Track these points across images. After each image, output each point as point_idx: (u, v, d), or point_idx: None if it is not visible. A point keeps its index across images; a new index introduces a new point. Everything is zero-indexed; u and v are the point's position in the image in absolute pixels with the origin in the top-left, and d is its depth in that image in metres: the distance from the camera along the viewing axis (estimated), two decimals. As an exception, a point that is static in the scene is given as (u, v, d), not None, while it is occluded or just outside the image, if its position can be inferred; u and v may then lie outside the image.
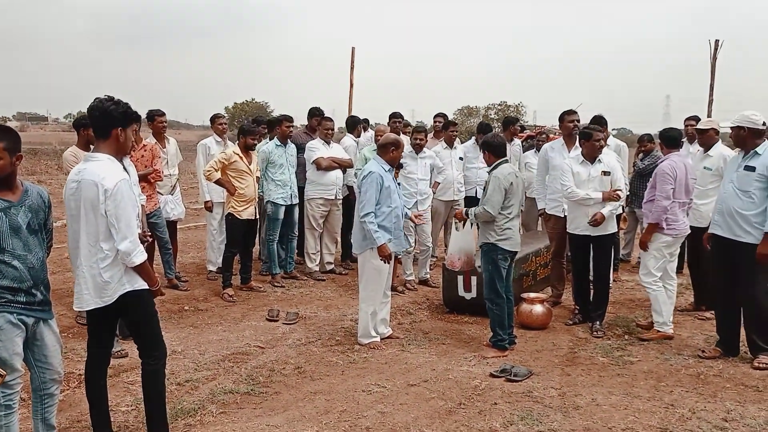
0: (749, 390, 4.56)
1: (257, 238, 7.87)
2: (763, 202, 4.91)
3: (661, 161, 5.73)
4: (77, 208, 3.30)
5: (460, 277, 6.38)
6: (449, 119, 8.67)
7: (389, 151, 5.54)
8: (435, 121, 8.77)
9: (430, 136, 8.59)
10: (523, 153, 8.82)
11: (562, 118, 6.84)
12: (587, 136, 5.88)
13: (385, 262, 5.45)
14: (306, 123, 8.54)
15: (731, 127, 5.17)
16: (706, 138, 6.27)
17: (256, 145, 7.09)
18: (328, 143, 7.80)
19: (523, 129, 11.66)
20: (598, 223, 5.77)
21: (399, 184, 6.16)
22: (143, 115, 7.32)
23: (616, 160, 6.16)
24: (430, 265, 7.93)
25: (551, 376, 4.81)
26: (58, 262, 7.79)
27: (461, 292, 6.41)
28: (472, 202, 7.65)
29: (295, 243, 7.83)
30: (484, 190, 5.47)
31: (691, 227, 6.04)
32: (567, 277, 6.95)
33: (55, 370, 3.37)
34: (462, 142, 8.91)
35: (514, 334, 5.53)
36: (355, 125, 9.20)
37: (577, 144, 6.58)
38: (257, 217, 7.15)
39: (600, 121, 7.18)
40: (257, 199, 7.08)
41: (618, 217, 6.08)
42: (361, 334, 5.54)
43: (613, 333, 5.89)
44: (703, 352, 5.27)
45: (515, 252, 5.47)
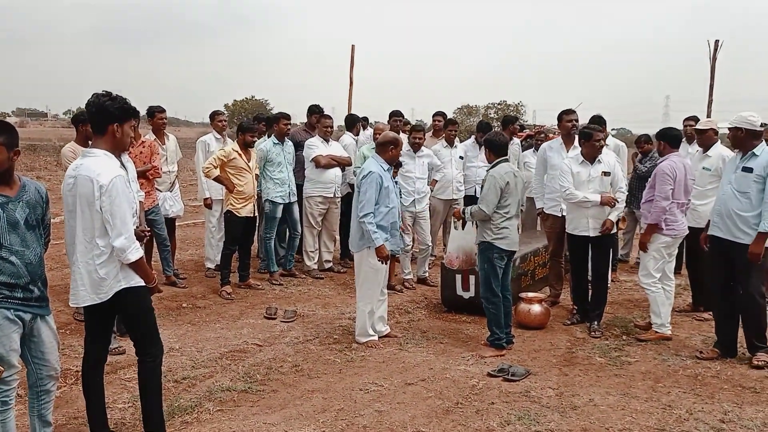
0: (747, 391, 4.56)
1: (256, 236, 7.86)
2: (760, 203, 4.92)
3: (660, 162, 5.72)
4: (74, 204, 3.30)
5: (459, 276, 6.39)
6: (449, 118, 8.66)
7: (388, 150, 5.53)
8: (434, 120, 8.75)
9: (429, 134, 8.58)
10: (522, 152, 8.82)
11: (560, 118, 6.82)
12: (587, 136, 5.86)
13: (383, 263, 5.45)
14: (305, 120, 8.53)
15: (729, 129, 5.17)
16: (705, 138, 6.26)
17: (255, 142, 7.08)
18: (327, 141, 7.79)
19: (522, 128, 11.66)
20: (608, 230, 5.83)
21: (396, 183, 6.17)
22: (143, 112, 7.32)
23: (615, 160, 6.16)
24: (429, 264, 7.93)
25: (549, 376, 4.81)
26: (56, 258, 7.78)
27: (459, 292, 6.41)
28: (472, 201, 7.65)
29: (298, 242, 7.82)
30: (482, 188, 5.48)
31: (689, 228, 6.04)
32: (565, 277, 6.95)
33: (52, 367, 3.37)
34: (461, 141, 8.91)
35: (512, 333, 5.53)
36: (353, 123, 9.18)
37: (575, 143, 6.57)
38: (256, 214, 7.14)
39: (599, 120, 7.18)
40: (256, 197, 7.07)
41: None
42: (359, 333, 5.53)
43: (611, 333, 5.89)
44: (701, 353, 5.27)
45: (512, 251, 5.46)
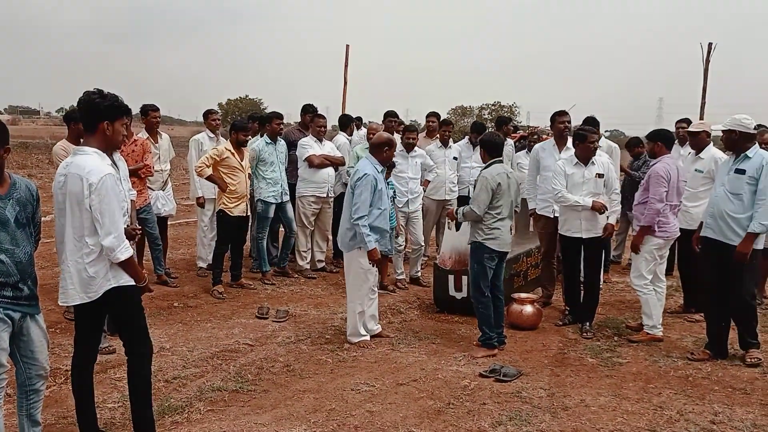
0: (737, 393, 4.58)
1: (248, 235, 7.84)
2: (753, 205, 4.94)
3: (654, 164, 5.72)
4: (64, 202, 3.28)
5: (451, 277, 6.38)
6: (444, 119, 8.66)
7: (383, 151, 5.52)
8: (428, 121, 8.74)
9: (422, 135, 8.57)
10: (516, 153, 8.83)
11: (553, 119, 6.84)
12: (582, 137, 5.86)
13: (374, 266, 5.46)
14: (299, 120, 8.51)
15: (723, 131, 5.19)
16: (698, 140, 6.28)
17: (248, 141, 7.06)
18: (321, 141, 7.77)
19: (516, 129, 11.67)
20: (610, 234, 5.99)
21: (389, 183, 6.19)
22: (137, 110, 7.28)
23: (608, 161, 6.16)
24: (422, 264, 7.93)
25: (540, 377, 4.82)
26: (46, 256, 7.73)
27: (452, 292, 6.41)
28: (466, 201, 7.64)
29: (293, 241, 7.80)
30: (475, 189, 5.48)
31: (681, 230, 6.05)
32: (557, 278, 6.96)
33: (41, 366, 3.34)
34: (455, 142, 8.90)
35: (504, 334, 5.54)
36: (347, 123, 9.18)
37: (568, 144, 6.59)
38: (248, 214, 7.12)
39: (593, 122, 7.19)
40: (249, 196, 7.05)
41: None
42: (350, 333, 5.52)
43: (602, 334, 5.90)
44: (692, 354, 5.28)
45: (503, 252, 5.45)
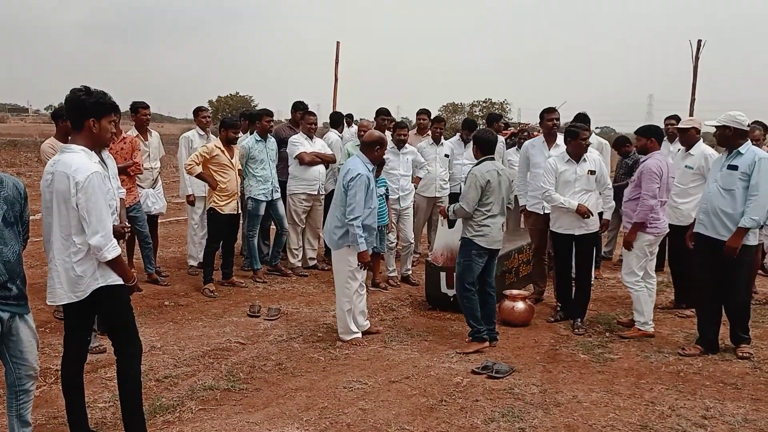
0: (728, 387, 4.60)
1: (239, 233, 7.80)
2: (746, 201, 4.96)
3: (645, 160, 5.72)
4: (51, 201, 3.25)
5: (443, 274, 6.38)
6: (436, 115, 8.64)
7: (374, 150, 5.50)
8: (419, 119, 8.73)
9: (413, 132, 8.56)
10: (506, 150, 8.82)
11: (542, 116, 6.86)
12: (573, 134, 5.85)
13: (362, 268, 5.45)
14: (290, 117, 8.47)
15: (716, 127, 5.20)
16: (688, 137, 6.29)
17: (237, 138, 7.02)
18: (311, 138, 7.74)
19: (507, 126, 11.66)
20: (605, 227, 6.27)
21: (378, 181, 6.22)
22: (127, 107, 7.23)
23: (599, 158, 6.17)
24: (413, 261, 7.92)
25: (533, 373, 4.82)
26: (36, 255, 7.67)
27: (444, 289, 6.40)
28: (458, 198, 7.65)
29: (285, 238, 7.76)
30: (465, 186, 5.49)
31: (672, 226, 6.07)
32: (549, 274, 6.97)
33: (31, 366, 3.31)
34: (446, 139, 8.90)
35: (496, 330, 5.54)
36: (339, 121, 9.16)
37: (557, 141, 6.61)
38: (239, 211, 7.09)
39: (584, 118, 7.19)
40: (239, 194, 7.01)
41: (600, 215, 6.10)
42: (342, 331, 5.51)
43: (594, 330, 5.91)
44: (683, 349, 5.30)
45: (492, 249, 5.44)
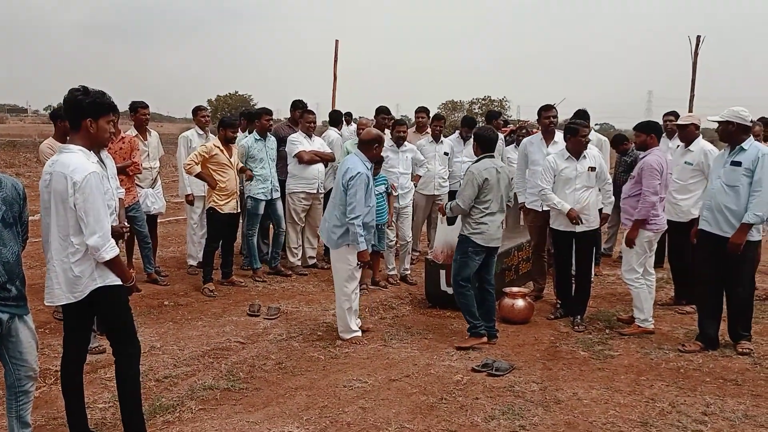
0: (728, 384, 4.60)
1: (239, 233, 7.79)
2: (749, 197, 4.95)
3: (645, 156, 5.70)
4: (50, 201, 3.24)
5: (443, 272, 6.37)
6: (436, 113, 8.63)
7: (372, 148, 5.51)
8: (417, 117, 8.72)
9: (412, 130, 8.55)
10: (505, 147, 8.82)
11: (539, 114, 6.85)
12: (573, 131, 5.83)
13: (361, 267, 5.46)
14: (289, 116, 8.47)
15: (719, 122, 5.17)
16: (687, 133, 6.28)
17: (236, 138, 7.00)
18: (310, 137, 7.73)
19: (506, 123, 11.66)
20: (605, 221, 6.33)
21: (377, 178, 6.23)
22: (126, 107, 7.22)
23: (599, 154, 6.16)
24: (412, 260, 7.91)
25: (533, 371, 4.82)
26: (35, 256, 7.67)
27: (443, 287, 6.39)
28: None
29: (283, 238, 7.76)
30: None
31: (671, 222, 6.07)
32: (548, 272, 6.96)
33: (30, 367, 3.31)
34: (445, 136, 8.89)
35: (496, 328, 5.54)
36: (338, 119, 9.17)
37: (555, 138, 6.61)
38: (239, 211, 7.09)
39: (584, 115, 7.19)
40: (238, 193, 7.01)
41: (600, 211, 6.09)
42: (342, 330, 5.50)
43: (594, 327, 5.91)
44: (683, 346, 5.30)
45: (490, 247, 5.43)
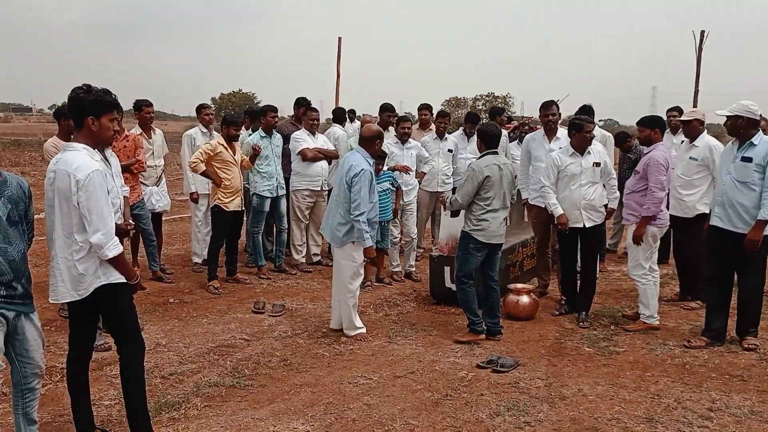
0: (734, 380, 4.59)
1: (243, 230, 7.81)
2: (762, 192, 4.93)
3: (650, 151, 5.67)
4: (54, 199, 3.25)
5: (447, 269, 6.36)
6: (441, 110, 8.62)
7: (374, 144, 5.52)
8: (420, 114, 8.71)
9: (415, 127, 8.54)
10: (509, 144, 8.80)
11: (540, 111, 6.85)
12: (578, 127, 5.81)
13: (368, 263, 5.48)
14: (292, 113, 8.47)
15: (728, 117, 5.14)
16: (691, 128, 6.25)
17: (239, 135, 7.00)
18: (314, 134, 7.73)
19: (510, 120, 11.63)
20: (610, 216, 6.29)
21: (381, 175, 6.24)
22: (130, 106, 7.23)
23: (603, 150, 6.14)
24: (417, 257, 7.91)
25: (538, 367, 4.82)
26: (41, 254, 7.69)
27: (448, 284, 6.38)
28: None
29: (285, 236, 7.76)
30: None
31: (676, 218, 6.05)
32: (553, 268, 6.95)
33: (37, 365, 3.31)
34: (449, 133, 8.88)
35: (501, 324, 5.54)
36: (342, 116, 9.16)
37: (558, 134, 6.61)
38: (243, 208, 7.09)
39: (588, 111, 7.17)
40: (243, 190, 7.01)
41: (605, 207, 6.08)
42: (347, 327, 5.51)
43: (599, 323, 5.90)
44: (689, 341, 5.29)
45: (491, 244, 5.42)
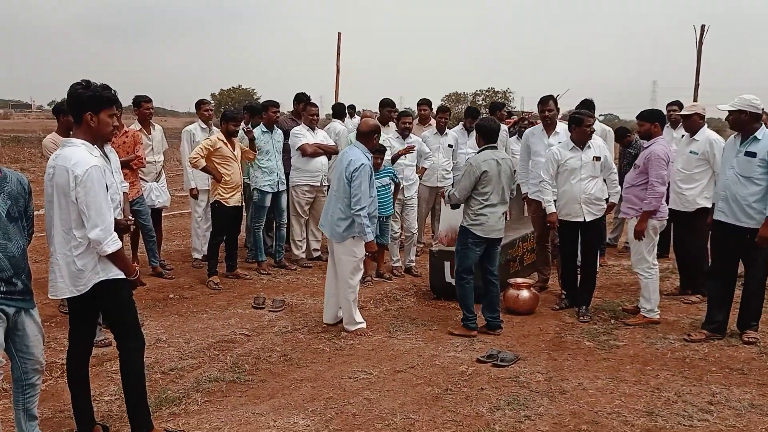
0: (734, 373, 4.59)
1: (243, 225, 7.80)
2: (765, 187, 4.92)
3: (650, 145, 5.65)
4: (53, 194, 3.25)
5: (447, 264, 6.36)
6: (441, 105, 8.63)
7: (372, 138, 5.54)
8: (420, 109, 8.70)
9: (415, 122, 8.53)
10: (509, 139, 8.79)
11: (538, 107, 6.86)
12: (578, 121, 5.80)
13: (368, 258, 5.49)
14: (292, 109, 8.46)
15: (730, 111, 5.12)
16: (691, 123, 6.24)
17: (238, 131, 6.99)
18: (313, 129, 7.73)
19: (510, 115, 11.62)
20: (611, 209, 6.23)
21: (381, 171, 6.23)
22: (129, 102, 7.21)
23: (603, 144, 6.13)
24: (417, 251, 7.91)
25: (538, 361, 4.82)
26: (40, 250, 7.68)
27: (448, 279, 6.37)
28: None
29: (285, 231, 7.76)
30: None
31: (677, 212, 6.05)
32: (553, 262, 6.95)
33: (37, 360, 3.31)
34: (450, 128, 8.87)
35: (501, 319, 5.54)
36: (342, 112, 9.17)
37: (557, 129, 6.61)
38: (243, 203, 7.09)
39: (589, 105, 7.16)
40: (242, 186, 7.01)
41: (606, 200, 6.07)
42: (347, 321, 5.51)
43: (599, 317, 5.90)
44: (689, 335, 5.29)
45: (490, 239, 5.41)
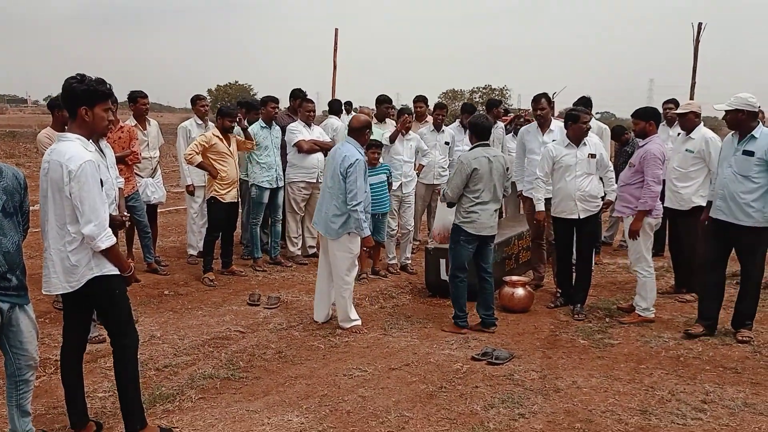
0: (728, 372, 4.60)
1: (238, 222, 7.79)
2: (763, 186, 4.93)
3: (645, 144, 5.65)
4: (48, 189, 3.24)
5: (442, 261, 6.36)
6: (438, 102, 8.61)
7: (364, 134, 5.56)
8: (416, 106, 8.69)
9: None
10: (505, 136, 8.79)
11: (531, 105, 6.87)
12: (574, 118, 5.81)
13: (366, 253, 5.48)
14: (288, 105, 8.43)
15: (728, 110, 5.11)
16: (687, 121, 6.25)
17: (233, 127, 6.97)
18: (309, 126, 7.71)
19: (506, 112, 11.62)
20: (608, 206, 6.22)
21: (376, 168, 6.23)
22: (125, 98, 7.18)
23: (599, 142, 6.13)
24: (413, 249, 7.91)
25: (532, 359, 4.83)
26: (35, 246, 7.66)
27: (443, 276, 6.37)
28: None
29: (280, 227, 7.75)
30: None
31: (672, 210, 6.05)
32: (548, 260, 6.95)
33: (31, 356, 3.31)
34: (446, 125, 8.87)
35: (495, 316, 5.55)
36: (338, 108, 9.16)
37: (551, 127, 6.61)
38: (239, 200, 7.07)
39: (586, 102, 7.16)
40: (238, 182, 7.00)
41: (602, 198, 6.08)
42: (342, 319, 5.51)
43: (594, 316, 5.91)
44: (688, 330, 5.30)
45: (482, 236, 5.43)
